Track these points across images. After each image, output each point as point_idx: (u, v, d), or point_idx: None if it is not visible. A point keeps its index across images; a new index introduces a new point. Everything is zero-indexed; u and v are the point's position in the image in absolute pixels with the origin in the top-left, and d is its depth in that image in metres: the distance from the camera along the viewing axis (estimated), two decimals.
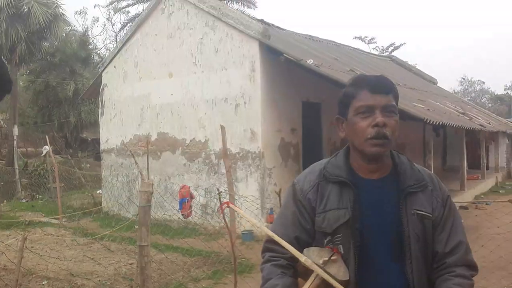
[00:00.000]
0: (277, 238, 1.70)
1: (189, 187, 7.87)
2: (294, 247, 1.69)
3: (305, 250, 1.67)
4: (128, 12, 26.74)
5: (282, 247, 1.71)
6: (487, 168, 16.04)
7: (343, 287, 1.60)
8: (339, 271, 1.62)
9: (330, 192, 1.71)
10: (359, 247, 1.64)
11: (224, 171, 7.74)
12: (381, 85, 1.67)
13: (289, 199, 1.81)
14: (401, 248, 1.64)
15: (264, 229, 1.85)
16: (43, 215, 11.04)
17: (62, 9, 19.71)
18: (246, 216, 1.85)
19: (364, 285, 1.63)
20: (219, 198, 3.89)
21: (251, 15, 12.38)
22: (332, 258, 1.63)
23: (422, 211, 1.66)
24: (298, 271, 1.72)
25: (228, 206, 1.88)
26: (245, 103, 8.79)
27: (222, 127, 6.63)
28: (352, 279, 1.62)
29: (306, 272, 1.68)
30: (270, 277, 1.69)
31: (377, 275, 1.64)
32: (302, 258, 1.62)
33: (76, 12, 31.64)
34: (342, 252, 1.65)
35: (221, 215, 3.61)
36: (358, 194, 1.67)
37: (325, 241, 1.69)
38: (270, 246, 1.78)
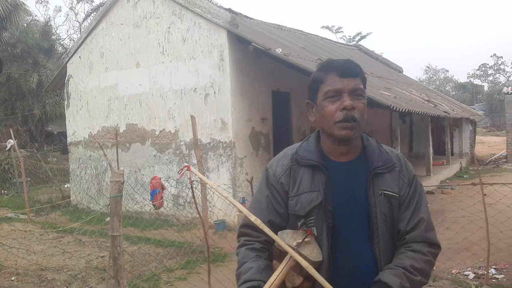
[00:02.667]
0: (253, 218, 1.72)
1: (160, 178, 7.82)
2: None
3: (279, 232, 1.71)
4: (92, 1, 26.12)
5: (257, 231, 1.75)
6: (452, 154, 16.50)
7: (316, 267, 1.64)
8: (313, 252, 1.66)
9: (302, 176, 1.74)
10: (332, 228, 1.68)
11: (195, 161, 7.71)
12: (348, 69, 1.71)
13: (262, 184, 1.84)
14: (369, 227, 1.69)
15: (232, 201, 1.87)
16: (9, 210, 10.76)
17: None
18: (209, 182, 1.86)
19: (337, 265, 1.67)
20: (192, 187, 3.89)
21: (218, 4, 12.28)
22: (306, 240, 1.67)
23: (389, 191, 1.71)
24: (272, 254, 1.76)
25: (188, 169, 1.89)
26: (214, 92, 8.75)
27: (192, 117, 6.59)
28: (325, 259, 1.66)
29: (281, 255, 1.71)
30: (245, 260, 1.72)
31: (350, 255, 1.69)
32: (277, 240, 1.66)
33: (37, 1, 30.63)
34: (316, 234, 1.69)
35: (194, 202, 3.61)
36: (329, 176, 1.71)
37: (299, 223, 1.73)
38: (245, 230, 1.81)
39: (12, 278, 5.94)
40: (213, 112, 8.77)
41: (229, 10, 9.66)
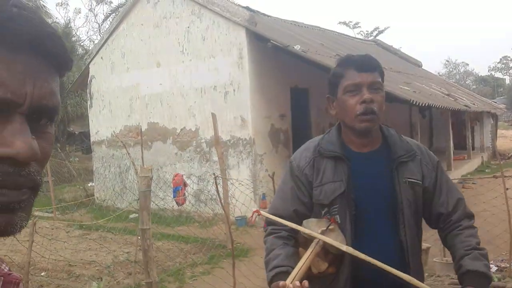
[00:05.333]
0: (276, 218, 1.82)
1: (182, 176, 7.97)
2: (293, 219, 1.82)
3: (304, 221, 1.80)
4: (111, 2, 26.49)
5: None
6: (473, 148, 16.31)
7: (340, 254, 1.73)
8: (337, 239, 1.74)
9: (325, 167, 1.83)
10: (355, 216, 1.77)
11: (215, 158, 7.84)
12: (366, 64, 1.79)
13: (287, 175, 1.93)
14: (394, 214, 1.77)
15: (270, 216, 1.95)
16: (36, 209, 11.06)
17: (43, 1, 19.51)
18: (278, 219, 1.92)
19: (361, 251, 1.76)
20: (215, 182, 4.00)
21: (236, 3, 12.39)
22: (330, 227, 1.76)
23: (413, 178, 1.80)
24: (299, 242, 1.85)
25: (259, 214, 1.99)
26: (234, 90, 8.87)
27: (213, 115, 6.72)
28: (349, 245, 1.75)
29: (306, 242, 1.80)
30: (273, 248, 1.81)
31: (373, 241, 1.77)
32: (300, 229, 1.75)
33: (57, 4, 31.20)
34: (339, 221, 1.78)
35: (218, 198, 3.72)
36: (352, 166, 1.80)
37: (323, 212, 1.81)
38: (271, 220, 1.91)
39: (42, 274, 6.15)
40: (232, 109, 8.88)
41: (247, 8, 9.76)
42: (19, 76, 0.53)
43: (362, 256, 1.67)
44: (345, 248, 1.69)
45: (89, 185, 13.00)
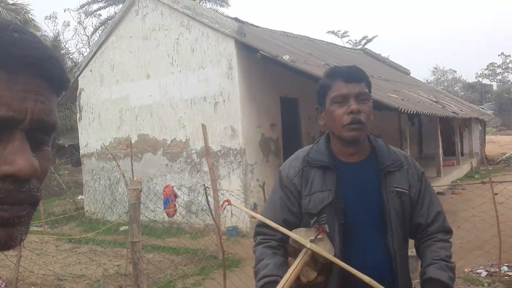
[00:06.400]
0: (268, 221, 1.83)
1: (173, 187, 7.94)
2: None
3: (293, 231, 1.81)
4: (100, 15, 26.46)
5: (272, 230, 1.86)
6: (462, 154, 16.46)
7: (329, 263, 1.74)
8: (325, 248, 1.76)
9: (314, 176, 1.85)
10: (343, 225, 1.79)
11: (206, 169, 7.83)
12: (353, 75, 1.82)
13: (276, 185, 1.95)
14: (382, 223, 1.80)
15: (258, 217, 1.98)
16: None
17: (32, 14, 19.47)
18: (246, 210, 1.96)
19: (349, 260, 1.77)
20: (205, 193, 4.00)
21: (225, 14, 12.47)
22: (319, 236, 1.77)
23: (400, 188, 1.82)
24: (288, 252, 1.86)
25: (229, 204, 2.01)
26: (224, 101, 8.89)
27: (203, 126, 6.72)
28: (337, 254, 1.76)
29: (295, 252, 1.82)
30: (262, 257, 1.82)
31: (361, 250, 1.79)
32: (291, 235, 1.77)
33: (46, 17, 31.10)
34: (328, 230, 1.80)
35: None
36: (340, 176, 1.82)
37: (312, 221, 1.83)
38: (261, 230, 1.92)
39: None
40: (223, 120, 8.90)
41: (236, 19, 9.81)
42: (20, 94, 0.56)
43: (347, 267, 1.69)
44: (332, 258, 1.70)
45: (78, 198, 12.90)
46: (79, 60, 20.85)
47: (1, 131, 0.55)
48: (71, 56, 28.38)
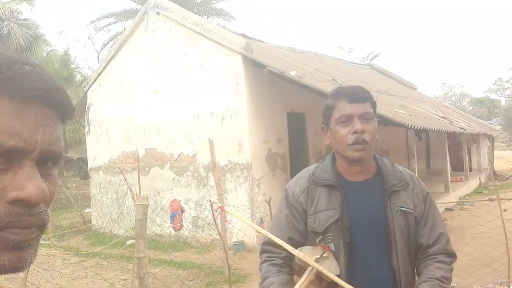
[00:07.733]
0: (273, 238, 1.85)
1: (180, 201, 7.96)
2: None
3: (298, 249, 1.83)
4: (109, 30, 26.80)
5: (278, 248, 1.87)
6: (470, 170, 16.34)
7: (335, 281, 1.75)
8: (331, 267, 1.77)
9: (320, 195, 1.86)
10: (349, 243, 1.80)
11: (213, 183, 7.85)
12: (357, 95, 1.85)
13: (282, 203, 1.97)
14: (387, 242, 1.81)
15: (263, 232, 2.00)
16: None
17: (42, 30, 19.78)
18: (252, 224, 1.99)
19: (354, 278, 1.78)
20: (212, 208, 4.01)
21: (232, 30, 12.59)
22: (324, 255, 1.79)
23: (405, 207, 1.84)
24: (293, 270, 1.87)
25: (223, 210, 2.03)
26: (231, 116, 8.94)
27: (210, 141, 6.75)
28: (342, 273, 1.77)
29: (301, 270, 1.83)
30: (268, 275, 1.83)
31: (366, 268, 1.80)
32: (296, 253, 1.78)
33: (56, 32, 31.56)
34: (333, 249, 1.81)
35: (214, 224, 3.73)
36: (345, 195, 1.84)
37: (317, 240, 1.84)
38: (266, 247, 1.93)
39: None
40: (230, 135, 8.94)
41: (243, 35, 9.91)
42: (30, 126, 0.59)
43: (345, 285, 1.69)
44: (335, 278, 1.71)
45: (86, 211, 12.94)
46: (88, 75, 21.09)
47: (12, 159, 0.58)
48: (80, 71, 28.74)
